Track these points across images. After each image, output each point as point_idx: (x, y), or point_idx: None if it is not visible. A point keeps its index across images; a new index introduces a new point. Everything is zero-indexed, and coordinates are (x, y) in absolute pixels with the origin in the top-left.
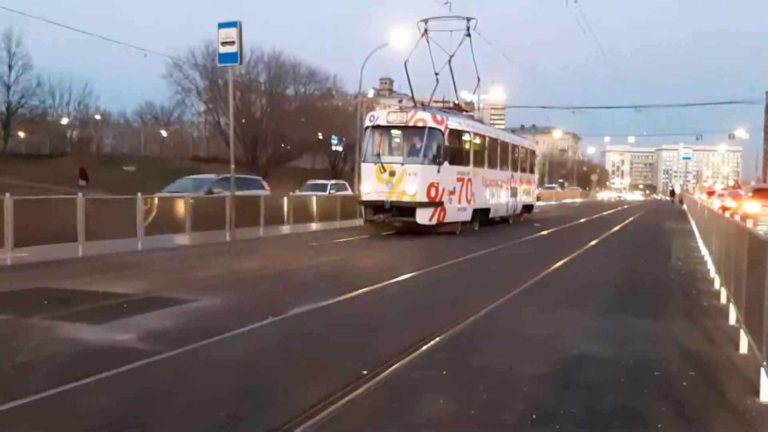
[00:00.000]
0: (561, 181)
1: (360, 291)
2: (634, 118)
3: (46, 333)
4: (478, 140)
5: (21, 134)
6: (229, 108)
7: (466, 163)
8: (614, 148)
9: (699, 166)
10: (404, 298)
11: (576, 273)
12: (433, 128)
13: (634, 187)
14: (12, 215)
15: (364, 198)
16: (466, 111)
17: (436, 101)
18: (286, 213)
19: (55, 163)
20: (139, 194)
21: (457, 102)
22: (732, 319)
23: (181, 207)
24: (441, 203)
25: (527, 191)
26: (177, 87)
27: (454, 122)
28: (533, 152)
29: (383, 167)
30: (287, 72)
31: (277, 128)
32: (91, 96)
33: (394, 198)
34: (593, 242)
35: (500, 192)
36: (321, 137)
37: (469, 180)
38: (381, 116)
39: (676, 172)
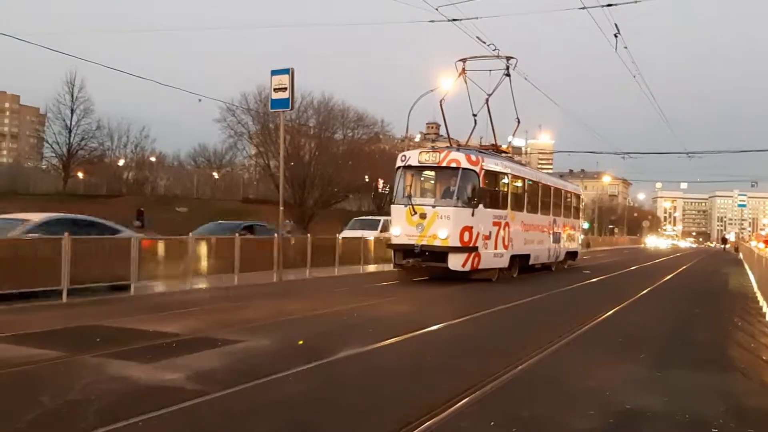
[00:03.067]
0: (611, 227)
1: (395, 339)
2: (686, 163)
3: (98, 371)
4: (516, 183)
5: (80, 175)
6: (279, 151)
7: (504, 207)
8: (666, 194)
9: (755, 214)
10: (442, 347)
11: (626, 324)
12: (468, 169)
13: (687, 234)
14: (69, 254)
15: (394, 241)
16: (505, 152)
17: (484, 146)
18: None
19: (111, 203)
20: (190, 235)
21: (495, 143)
22: None
23: (232, 247)
24: (475, 248)
25: (571, 237)
26: (229, 131)
27: (490, 163)
28: (578, 196)
29: (414, 209)
30: (336, 116)
31: (324, 171)
32: (148, 139)
33: (424, 242)
34: (644, 291)
35: (541, 238)
36: (367, 180)
37: (507, 224)
38: (413, 156)
39: (730, 219)
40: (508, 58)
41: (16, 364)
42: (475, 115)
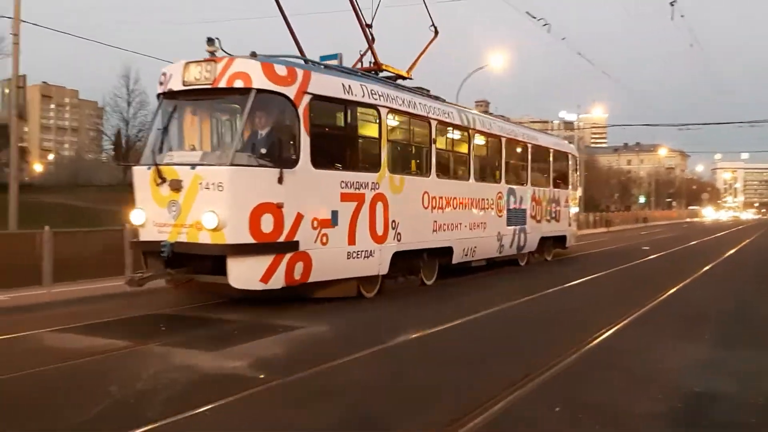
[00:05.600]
0: (669, 200)
1: None
2: (746, 133)
3: (164, 359)
4: (408, 125)
5: None
6: None
7: (372, 167)
8: (725, 166)
9: None
10: None
11: (689, 304)
12: (267, 92)
13: (749, 205)
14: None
15: (141, 237)
16: (404, 78)
17: (365, 68)
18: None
19: None
20: None
21: (375, 60)
22: None
23: None
24: (293, 245)
25: (553, 214)
26: None
27: (324, 82)
28: (565, 155)
29: (160, 174)
30: None
31: None
32: None
33: (182, 237)
34: (706, 268)
35: (480, 218)
36: None
37: (380, 198)
38: (176, 73)
39: None
40: None
41: (86, 354)
42: (368, 26)
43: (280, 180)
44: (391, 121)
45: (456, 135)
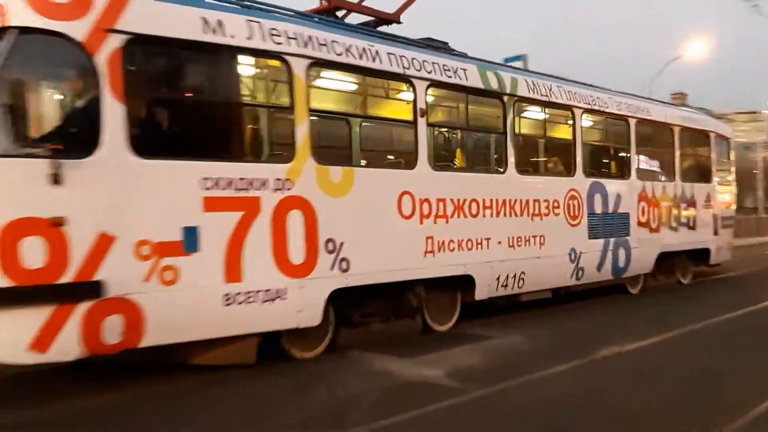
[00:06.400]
0: None
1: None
2: None
3: (364, 365)
4: (357, 87)
5: None
6: None
7: (277, 153)
8: None
9: None
10: None
11: None
12: (34, 32)
13: None
14: None
15: None
16: (391, 21)
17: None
18: None
19: None
20: None
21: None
22: None
23: None
24: (92, 287)
25: (684, 220)
26: None
27: (155, 13)
28: (704, 135)
29: None
30: None
31: None
32: None
33: None
34: None
35: (533, 229)
36: None
37: (295, 204)
38: None
39: None
40: None
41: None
42: None
43: (57, 178)
44: (320, 80)
45: (479, 105)
